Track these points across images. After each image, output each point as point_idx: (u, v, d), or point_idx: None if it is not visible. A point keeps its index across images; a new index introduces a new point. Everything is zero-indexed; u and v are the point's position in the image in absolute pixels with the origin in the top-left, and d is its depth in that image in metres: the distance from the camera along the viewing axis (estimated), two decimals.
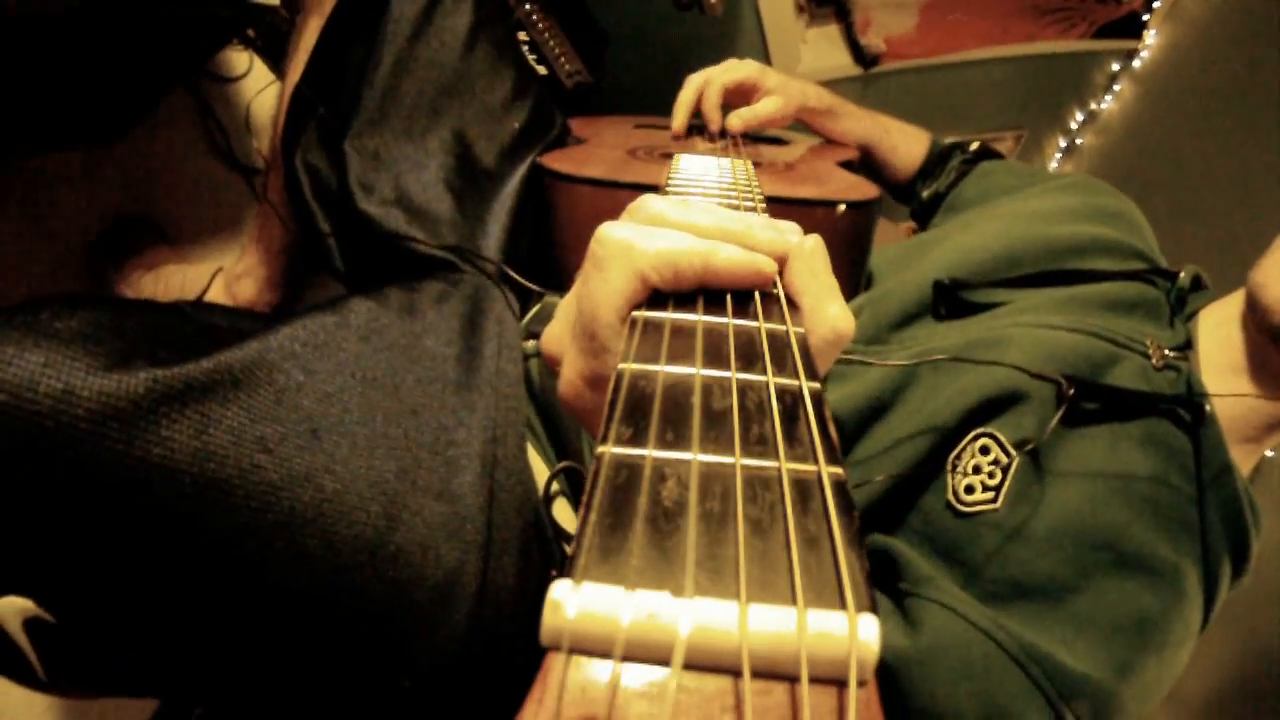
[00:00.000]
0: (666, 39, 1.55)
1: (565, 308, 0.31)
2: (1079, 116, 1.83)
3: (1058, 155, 1.91)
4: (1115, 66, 1.71)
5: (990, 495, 0.52)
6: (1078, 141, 1.87)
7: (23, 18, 0.62)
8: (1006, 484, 0.52)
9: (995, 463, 0.53)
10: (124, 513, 0.39)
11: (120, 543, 0.40)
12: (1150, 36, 1.63)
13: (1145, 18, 1.60)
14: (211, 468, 0.41)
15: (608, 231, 0.27)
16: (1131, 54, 1.67)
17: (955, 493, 0.53)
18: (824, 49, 1.72)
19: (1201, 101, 1.57)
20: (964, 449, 0.54)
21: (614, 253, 0.27)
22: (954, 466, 0.54)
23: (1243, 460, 0.56)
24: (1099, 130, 1.82)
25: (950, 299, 0.66)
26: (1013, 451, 0.52)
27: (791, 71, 1.64)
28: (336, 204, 0.69)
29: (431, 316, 0.58)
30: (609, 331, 0.27)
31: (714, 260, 0.27)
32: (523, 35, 1.13)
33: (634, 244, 0.27)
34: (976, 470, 0.53)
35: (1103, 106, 1.77)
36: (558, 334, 0.31)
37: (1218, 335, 0.60)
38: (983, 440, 0.54)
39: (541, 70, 1.16)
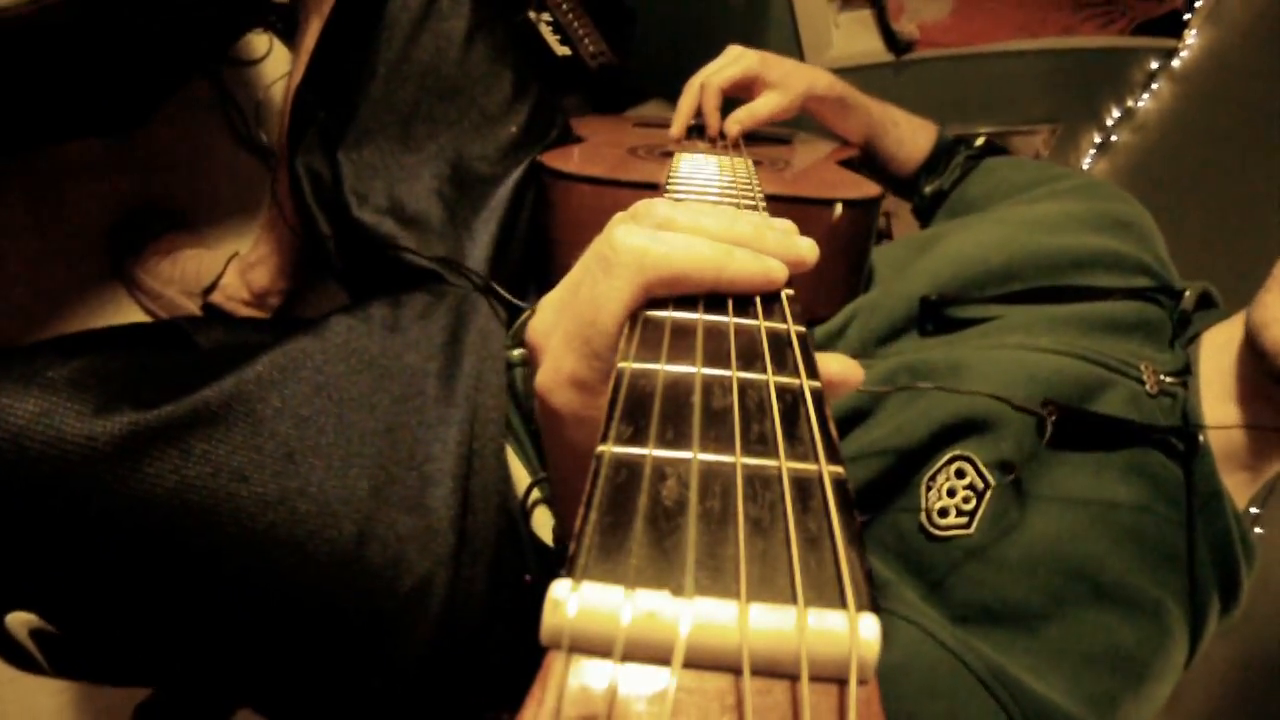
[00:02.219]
0: (696, 19, 1.53)
1: (556, 301, 0.30)
2: (1115, 113, 1.79)
3: (1092, 151, 1.88)
4: (1154, 65, 1.67)
5: (964, 520, 0.50)
6: (1113, 138, 1.83)
7: (34, 24, 0.63)
8: (981, 510, 0.50)
9: (970, 487, 0.51)
10: (114, 539, 0.43)
11: (112, 564, 0.43)
12: (1191, 37, 1.59)
13: (1186, 17, 1.56)
14: (192, 499, 0.44)
15: (622, 237, 0.26)
16: (1171, 53, 1.63)
17: (929, 515, 0.51)
18: (856, 33, 1.69)
19: (1240, 106, 1.53)
20: (939, 470, 0.52)
21: (625, 260, 0.26)
22: (928, 487, 0.52)
23: (1239, 490, 0.54)
24: (1135, 128, 1.78)
25: (937, 316, 0.63)
26: (989, 478, 0.50)
27: (822, 56, 1.62)
28: (334, 209, 0.70)
29: (414, 333, 0.59)
30: (605, 339, 0.27)
31: (726, 273, 0.27)
32: (545, 16, 1.11)
33: (647, 253, 0.26)
34: (951, 494, 0.51)
35: (1140, 104, 1.74)
36: (544, 327, 0.30)
37: (1220, 361, 0.56)
38: (959, 463, 0.52)
39: (565, 51, 1.14)
